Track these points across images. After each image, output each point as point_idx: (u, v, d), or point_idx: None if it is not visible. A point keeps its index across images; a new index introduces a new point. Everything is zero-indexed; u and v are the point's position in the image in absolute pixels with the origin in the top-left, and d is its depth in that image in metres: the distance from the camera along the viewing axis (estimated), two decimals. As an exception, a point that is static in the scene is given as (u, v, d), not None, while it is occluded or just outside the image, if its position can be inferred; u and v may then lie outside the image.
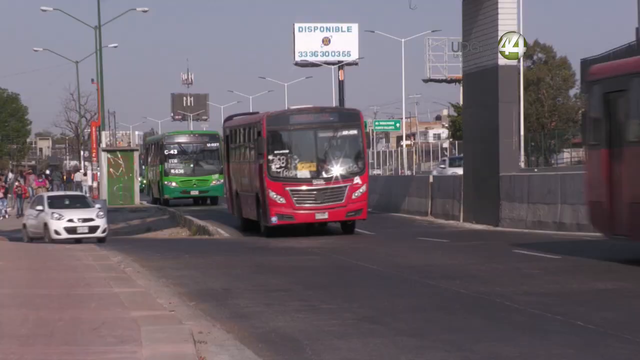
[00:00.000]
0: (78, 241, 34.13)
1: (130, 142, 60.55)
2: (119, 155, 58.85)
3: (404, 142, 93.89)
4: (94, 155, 64.57)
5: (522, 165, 58.32)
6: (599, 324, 13.17)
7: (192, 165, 55.02)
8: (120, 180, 58.56)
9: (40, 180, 65.51)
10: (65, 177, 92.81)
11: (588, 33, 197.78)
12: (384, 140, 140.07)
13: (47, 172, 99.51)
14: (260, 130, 31.82)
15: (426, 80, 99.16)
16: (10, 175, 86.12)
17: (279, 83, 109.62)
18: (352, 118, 32.76)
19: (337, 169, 31.59)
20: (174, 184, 54.43)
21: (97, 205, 37.58)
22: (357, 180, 31.60)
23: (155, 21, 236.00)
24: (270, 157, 31.37)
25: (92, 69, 69.11)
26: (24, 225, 37.50)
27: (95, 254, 26.19)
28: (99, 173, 60.60)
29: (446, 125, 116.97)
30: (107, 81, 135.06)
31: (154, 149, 59.81)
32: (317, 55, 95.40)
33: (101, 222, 35.09)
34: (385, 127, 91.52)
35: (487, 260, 22.42)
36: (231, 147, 37.86)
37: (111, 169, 58.39)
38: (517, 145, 37.08)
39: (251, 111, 44.30)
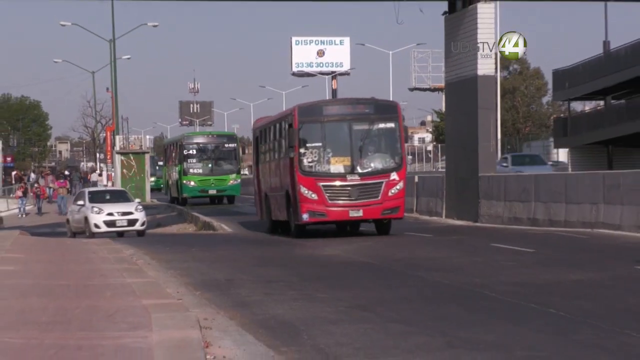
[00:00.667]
0: (120, 234, 33.36)
1: (141, 146, 60.34)
2: (132, 157, 58.82)
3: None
4: (108, 157, 64.54)
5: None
6: (570, 312, 13.16)
7: (210, 165, 52.65)
8: (133, 180, 58.55)
9: (61, 181, 65.52)
10: (81, 177, 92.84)
11: (560, 46, 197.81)
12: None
13: (67, 172, 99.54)
14: (292, 122, 28.01)
15: (412, 89, 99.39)
16: (33, 175, 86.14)
17: (277, 91, 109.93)
18: (389, 110, 28.64)
19: (372, 164, 27.79)
20: (192, 183, 52.16)
21: (137, 200, 36.48)
22: (393, 176, 27.64)
23: (164, 35, 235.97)
24: (302, 151, 27.55)
25: (107, 79, 69.20)
26: (67, 221, 36.50)
27: (110, 248, 26.16)
28: (113, 173, 60.60)
29: (430, 130, 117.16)
30: (121, 89, 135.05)
31: (173, 149, 57.30)
32: (313, 66, 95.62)
33: (140, 216, 33.92)
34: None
35: (467, 253, 22.41)
36: (261, 148, 33.74)
37: (124, 170, 58.41)
38: (494, 149, 37.09)
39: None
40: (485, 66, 34.39)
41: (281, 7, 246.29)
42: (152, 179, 64.10)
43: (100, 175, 78.70)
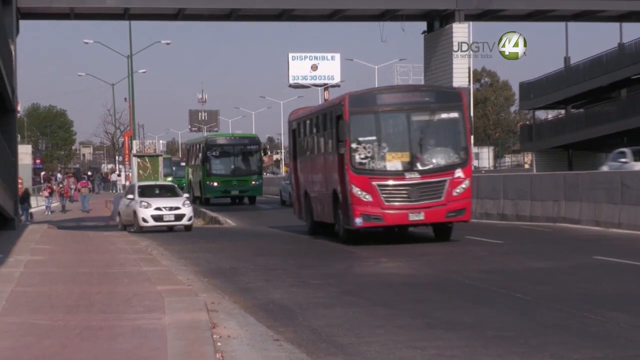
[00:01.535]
0: (170, 229, 31.11)
1: (155, 149, 59.98)
2: (147, 160, 58.44)
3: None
4: (126, 159, 64.41)
5: (473, 167, 58.45)
6: (534, 296, 13.18)
7: (232, 166, 48.88)
8: (148, 180, 58.27)
9: (83, 181, 65.44)
10: (102, 177, 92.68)
11: (526, 61, 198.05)
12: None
13: (89, 173, 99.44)
14: (342, 113, 22.04)
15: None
16: (59, 175, 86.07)
17: (276, 101, 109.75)
18: (452, 98, 22.55)
19: (434, 160, 21.90)
20: (215, 184, 48.39)
21: (186, 195, 33.92)
22: (458, 173, 21.79)
23: (176, 51, 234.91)
24: (354, 146, 21.60)
25: (125, 90, 69.00)
26: (119, 213, 34.35)
27: (127, 240, 26.12)
28: (130, 174, 60.46)
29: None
30: (137, 99, 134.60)
31: (196, 150, 53.22)
32: (307, 79, 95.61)
33: (187, 211, 31.10)
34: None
35: (444, 245, 22.38)
36: (300, 142, 27.37)
37: (140, 171, 58.08)
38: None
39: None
40: (460, 79, 34.46)
41: (280, 27, 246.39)
42: (169, 178, 62.74)
43: (119, 175, 78.63)
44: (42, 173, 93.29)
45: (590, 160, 58.32)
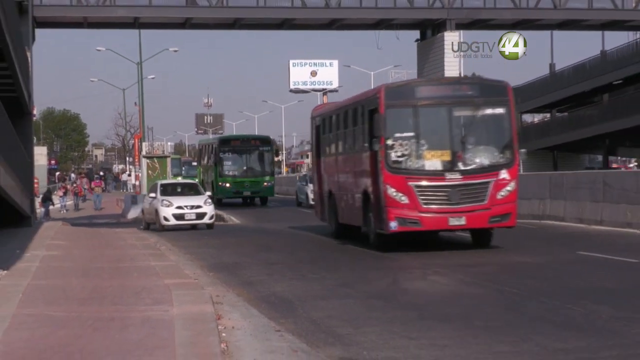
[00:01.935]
0: (193, 227, 29.61)
1: (164, 150, 59.91)
2: (155, 161, 58.35)
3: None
4: (136, 160, 64.37)
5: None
6: (520, 289, 13.19)
7: (245, 168, 46.14)
8: (157, 179, 58.16)
9: (97, 181, 65.35)
10: (114, 177, 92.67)
11: (513, 67, 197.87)
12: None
13: (101, 173, 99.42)
14: (377, 106, 19.02)
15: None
16: (73, 175, 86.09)
17: (277, 105, 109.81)
18: (498, 92, 19.31)
19: (477, 159, 18.85)
20: (227, 184, 45.72)
21: (207, 193, 32.26)
22: (503, 174, 18.84)
23: (183, 58, 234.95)
24: (390, 142, 18.59)
25: (135, 95, 69.03)
26: (142, 211, 32.97)
27: (137, 236, 26.10)
28: (140, 174, 60.45)
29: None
30: (147, 104, 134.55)
31: (209, 150, 50.27)
32: (307, 84, 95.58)
33: (209, 209, 29.50)
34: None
35: (435, 242, 22.33)
36: (324, 139, 24.46)
37: (149, 171, 57.95)
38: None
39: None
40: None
41: (281, 36, 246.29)
42: (179, 178, 62.16)
43: (129, 175, 78.51)
44: (57, 173, 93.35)
45: (574, 160, 58.44)
